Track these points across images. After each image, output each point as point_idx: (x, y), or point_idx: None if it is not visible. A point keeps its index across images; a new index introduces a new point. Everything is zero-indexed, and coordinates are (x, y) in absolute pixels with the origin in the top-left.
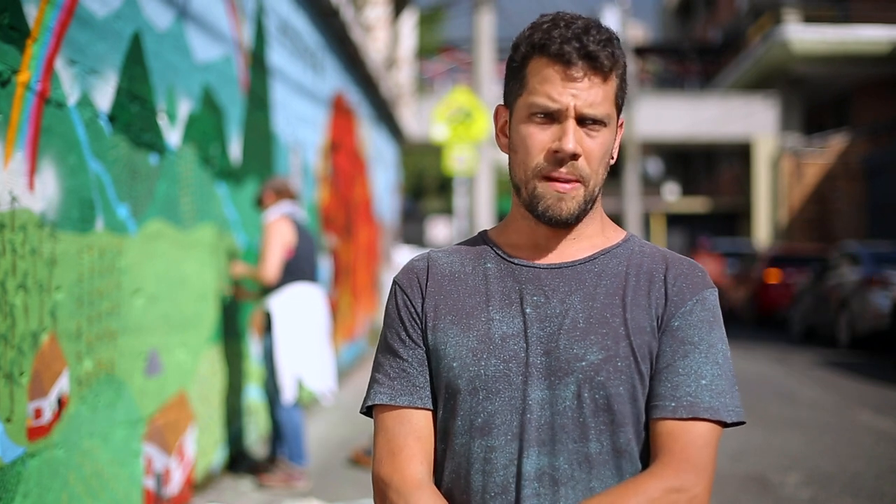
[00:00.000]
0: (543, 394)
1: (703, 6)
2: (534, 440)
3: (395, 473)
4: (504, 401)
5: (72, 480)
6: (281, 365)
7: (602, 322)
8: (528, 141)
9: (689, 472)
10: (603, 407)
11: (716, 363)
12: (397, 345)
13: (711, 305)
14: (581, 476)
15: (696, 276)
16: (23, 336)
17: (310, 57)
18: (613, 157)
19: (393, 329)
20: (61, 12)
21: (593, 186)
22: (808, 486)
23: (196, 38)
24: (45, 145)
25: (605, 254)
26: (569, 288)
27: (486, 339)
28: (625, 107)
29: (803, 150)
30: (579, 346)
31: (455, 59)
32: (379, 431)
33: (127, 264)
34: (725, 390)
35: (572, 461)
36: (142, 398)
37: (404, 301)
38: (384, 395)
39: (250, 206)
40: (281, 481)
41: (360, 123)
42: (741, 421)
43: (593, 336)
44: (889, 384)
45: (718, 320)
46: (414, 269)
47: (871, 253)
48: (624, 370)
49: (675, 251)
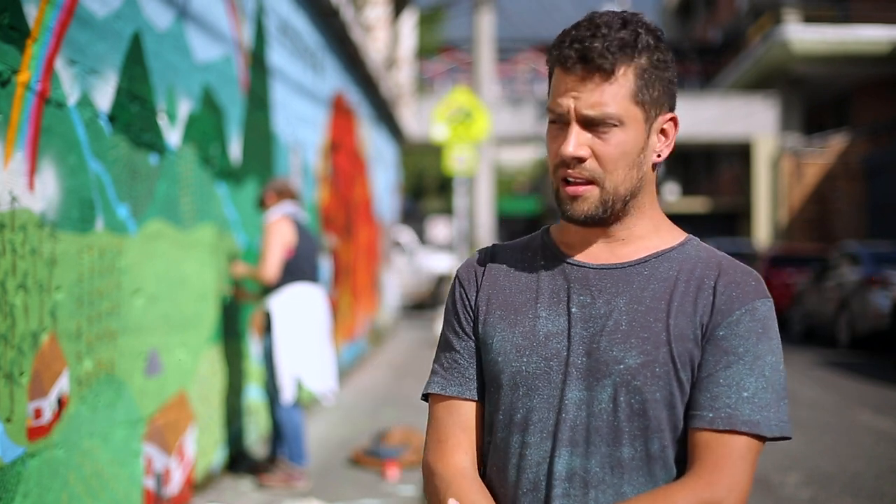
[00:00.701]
0: (581, 394)
1: (703, 6)
2: (567, 440)
3: (439, 462)
4: (542, 398)
5: (72, 480)
6: (280, 365)
7: (644, 326)
8: (548, 147)
9: (721, 485)
10: (638, 412)
11: (761, 375)
12: (452, 337)
13: (762, 316)
14: (612, 480)
15: (749, 284)
16: (23, 336)
17: (310, 57)
18: (660, 155)
19: (449, 321)
20: (61, 12)
21: (613, 187)
22: (808, 486)
23: (196, 38)
24: (45, 145)
25: (657, 257)
26: (616, 289)
27: (531, 336)
28: (667, 103)
29: (803, 150)
30: (619, 348)
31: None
32: (430, 420)
33: (127, 264)
34: (769, 404)
35: (604, 464)
36: (142, 398)
37: (461, 294)
38: (437, 386)
39: (250, 206)
40: (281, 481)
41: (360, 123)
42: (785, 436)
43: (634, 339)
44: (889, 384)
45: (769, 331)
46: (474, 262)
47: (871, 253)
48: (662, 376)
49: None
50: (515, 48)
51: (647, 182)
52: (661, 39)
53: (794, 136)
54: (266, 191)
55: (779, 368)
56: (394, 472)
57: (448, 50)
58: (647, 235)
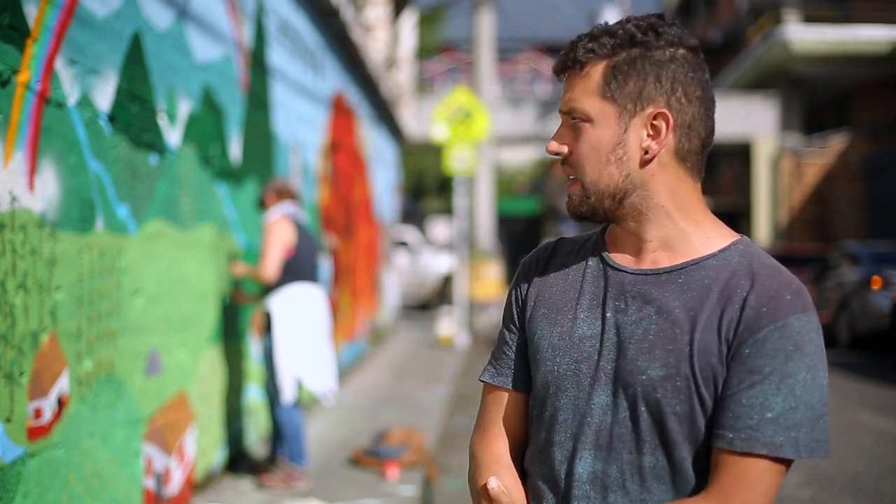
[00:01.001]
0: (607, 399)
1: (703, 6)
2: (590, 443)
3: (480, 448)
4: (569, 399)
5: (72, 480)
6: (280, 365)
7: (670, 338)
8: None
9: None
10: (658, 423)
11: (790, 394)
12: (504, 328)
13: (794, 332)
14: (633, 487)
15: (783, 298)
16: (23, 336)
17: (310, 57)
18: (647, 151)
19: (505, 311)
20: (61, 12)
21: (590, 183)
22: (807, 486)
23: (196, 38)
24: (45, 145)
25: (694, 264)
26: (648, 297)
27: (567, 337)
28: (645, 99)
29: (803, 150)
30: (644, 358)
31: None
32: (480, 406)
33: (127, 264)
34: (799, 423)
35: (625, 471)
36: (142, 398)
37: (516, 287)
38: (487, 374)
39: (250, 206)
40: (281, 481)
41: (360, 123)
42: (818, 455)
43: (658, 351)
44: (889, 384)
45: (803, 348)
46: (535, 255)
47: (871, 253)
48: (683, 390)
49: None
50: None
51: (649, 180)
52: (662, 34)
53: (794, 136)
54: (266, 191)
55: (815, 385)
56: (394, 472)
57: (448, 50)
58: (683, 239)
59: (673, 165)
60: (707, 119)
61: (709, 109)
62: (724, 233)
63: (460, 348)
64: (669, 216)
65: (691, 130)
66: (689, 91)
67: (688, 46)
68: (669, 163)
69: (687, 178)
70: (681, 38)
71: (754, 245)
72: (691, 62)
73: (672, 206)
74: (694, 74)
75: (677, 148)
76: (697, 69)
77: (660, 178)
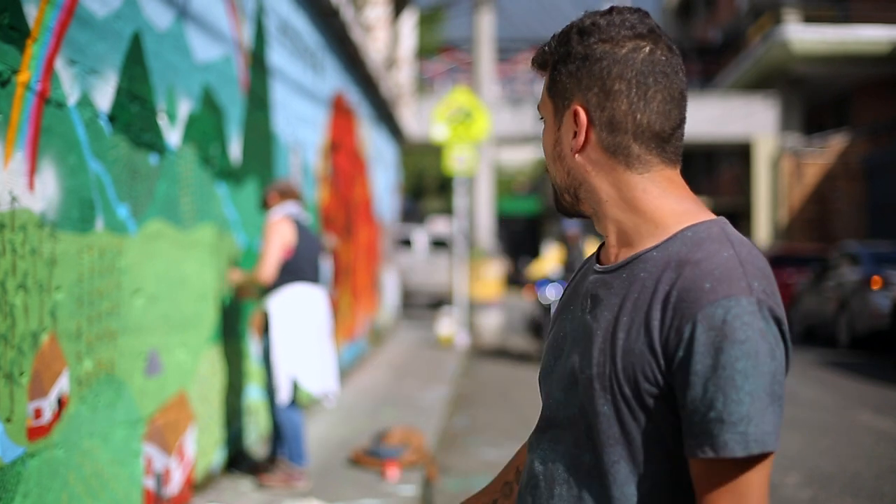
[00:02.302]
0: (561, 395)
1: (703, 6)
2: (547, 438)
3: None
4: (543, 397)
5: (72, 480)
6: (277, 365)
7: (605, 337)
8: None
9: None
10: (593, 422)
11: (731, 387)
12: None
13: (718, 321)
14: (573, 482)
15: (700, 290)
16: (23, 336)
17: (310, 57)
18: (572, 148)
19: None
20: (61, 12)
21: (553, 178)
22: (807, 486)
23: (196, 38)
24: (45, 145)
25: (636, 258)
26: (598, 296)
27: (555, 338)
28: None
29: (803, 150)
30: (585, 359)
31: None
32: None
33: (127, 264)
34: (746, 417)
35: (569, 466)
36: (142, 398)
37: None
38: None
39: (250, 206)
40: (281, 481)
41: (360, 123)
42: (764, 452)
43: (595, 350)
44: (889, 384)
45: (733, 335)
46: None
47: (871, 253)
48: (608, 389)
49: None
50: (515, 48)
51: (587, 175)
52: (599, 28)
53: (794, 136)
54: (269, 191)
55: (758, 373)
56: (394, 472)
57: (448, 50)
58: (635, 232)
59: (604, 160)
60: (645, 110)
61: (650, 99)
62: (681, 220)
63: (460, 348)
64: (619, 210)
65: (614, 124)
66: (610, 85)
67: (635, 36)
68: (600, 158)
69: (626, 171)
70: (628, 29)
71: (715, 228)
72: (630, 55)
73: (617, 199)
74: (630, 67)
75: (601, 143)
76: (640, 61)
77: (595, 173)
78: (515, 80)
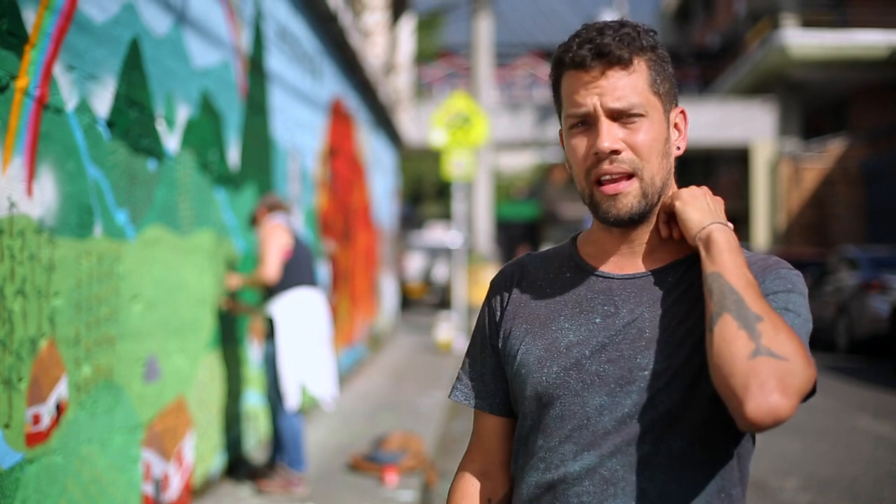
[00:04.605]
0: (602, 400)
1: (702, 11)
2: (587, 443)
3: (459, 468)
4: (564, 406)
5: (70, 486)
6: (284, 371)
7: (667, 331)
8: (574, 152)
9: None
10: (663, 413)
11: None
12: (479, 349)
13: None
14: (632, 478)
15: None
16: (21, 342)
17: (308, 62)
18: (680, 148)
19: (480, 331)
20: (60, 18)
21: (650, 177)
22: (806, 490)
23: (194, 44)
24: (43, 151)
25: (680, 263)
26: (640, 298)
27: (553, 347)
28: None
29: (802, 155)
30: (643, 355)
31: (453, 64)
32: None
33: (125, 270)
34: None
35: (625, 463)
36: (140, 404)
37: (490, 309)
38: (461, 395)
39: (249, 211)
40: (280, 487)
41: (358, 129)
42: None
43: (657, 345)
44: (888, 389)
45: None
46: (504, 276)
47: (870, 257)
48: (687, 378)
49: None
50: (513, 53)
51: (672, 178)
52: (657, 39)
53: (793, 141)
54: (258, 207)
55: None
56: (392, 477)
57: (446, 55)
58: (669, 241)
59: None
60: None
61: None
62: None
63: (459, 353)
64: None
65: None
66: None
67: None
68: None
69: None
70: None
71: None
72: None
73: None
74: None
75: None
76: None
77: (672, 175)
78: (514, 85)
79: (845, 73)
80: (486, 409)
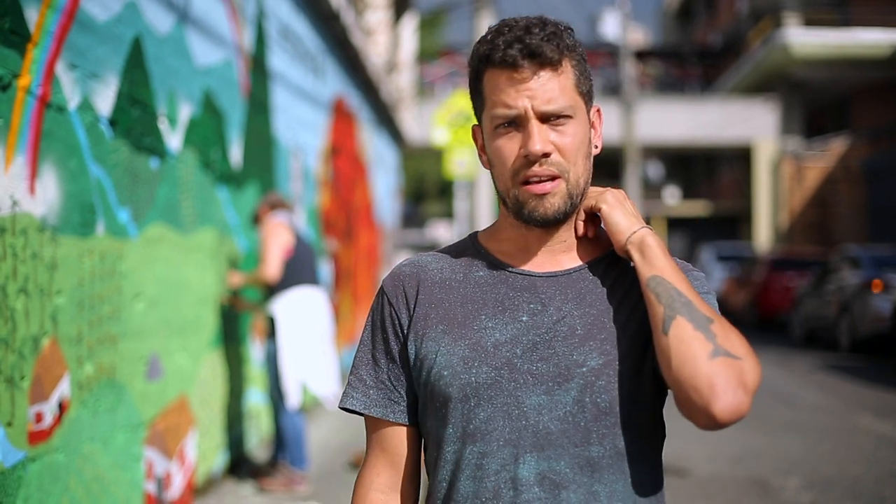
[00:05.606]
0: (540, 399)
1: (704, 10)
2: (530, 445)
3: (358, 479)
4: (497, 407)
5: (72, 485)
6: (286, 370)
7: (599, 328)
8: (500, 153)
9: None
10: (605, 410)
11: None
12: (379, 355)
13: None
14: (583, 480)
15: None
16: (24, 340)
17: (310, 61)
18: (597, 147)
19: (377, 337)
20: (62, 16)
21: (575, 179)
22: (808, 490)
23: (197, 43)
24: (45, 149)
25: (600, 261)
26: (564, 296)
27: (478, 347)
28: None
29: (804, 154)
30: (579, 352)
31: (455, 62)
32: (366, 434)
33: (128, 268)
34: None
35: (573, 465)
36: (142, 402)
37: (390, 312)
38: (359, 402)
39: (251, 209)
40: (282, 485)
41: (360, 127)
42: None
43: (592, 342)
44: (890, 388)
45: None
46: (402, 277)
47: (872, 256)
48: (625, 372)
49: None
50: None
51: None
52: (576, 37)
53: (795, 140)
54: (260, 205)
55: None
56: None
57: (448, 54)
58: (587, 240)
59: None
60: None
61: None
62: None
63: None
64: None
65: None
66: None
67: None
68: None
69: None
70: None
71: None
72: None
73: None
74: None
75: None
76: None
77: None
78: None
79: (847, 71)
80: (391, 417)
